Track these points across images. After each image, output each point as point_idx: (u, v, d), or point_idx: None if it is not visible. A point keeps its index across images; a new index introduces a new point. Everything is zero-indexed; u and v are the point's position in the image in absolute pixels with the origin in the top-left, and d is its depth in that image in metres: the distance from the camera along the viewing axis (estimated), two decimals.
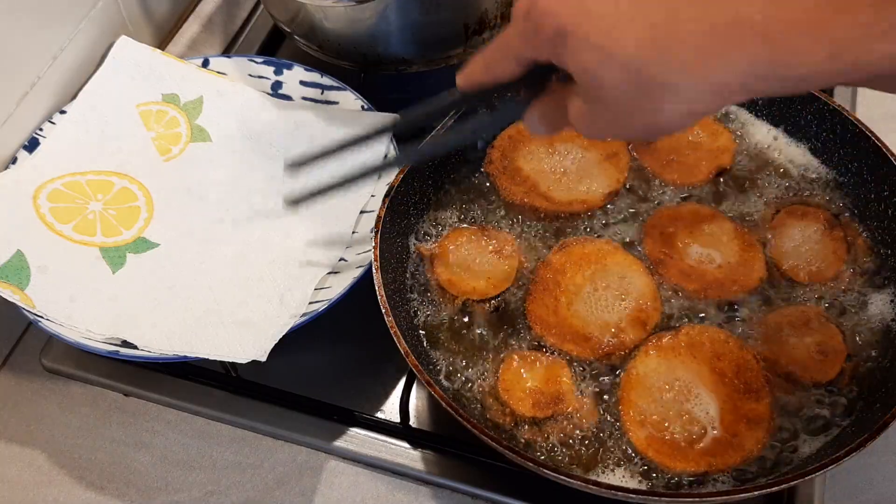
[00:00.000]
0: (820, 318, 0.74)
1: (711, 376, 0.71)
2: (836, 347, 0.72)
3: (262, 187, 0.91)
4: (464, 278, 0.78)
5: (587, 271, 0.77)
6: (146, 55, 0.94)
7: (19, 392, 0.84)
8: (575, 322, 0.74)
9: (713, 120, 0.88)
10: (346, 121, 0.91)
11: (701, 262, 0.78)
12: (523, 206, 0.82)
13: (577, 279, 0.77)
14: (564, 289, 0.76)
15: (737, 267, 0.77)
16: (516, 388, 0.71)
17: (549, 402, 0.70)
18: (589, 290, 0.76)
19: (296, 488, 0.77)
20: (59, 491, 0.78)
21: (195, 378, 0.82)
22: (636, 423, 0.69)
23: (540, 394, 0.71)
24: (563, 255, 0.78)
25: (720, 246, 0.79)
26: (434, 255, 0.79)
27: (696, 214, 0.81)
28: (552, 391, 0.71)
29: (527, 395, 0.71)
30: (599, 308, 0.75)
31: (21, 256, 0.79)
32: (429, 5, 0.91)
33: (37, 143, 0.88)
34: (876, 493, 0.75)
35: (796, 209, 0.81)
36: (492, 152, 0.86)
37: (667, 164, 0.85)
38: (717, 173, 0.84)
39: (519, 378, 0.72)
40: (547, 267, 0.78)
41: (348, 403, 0.80)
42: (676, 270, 0.77)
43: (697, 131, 0.87)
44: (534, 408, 0.70)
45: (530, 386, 0.71)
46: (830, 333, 0.73)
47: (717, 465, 0.67)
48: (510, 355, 0.73)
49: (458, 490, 0.76)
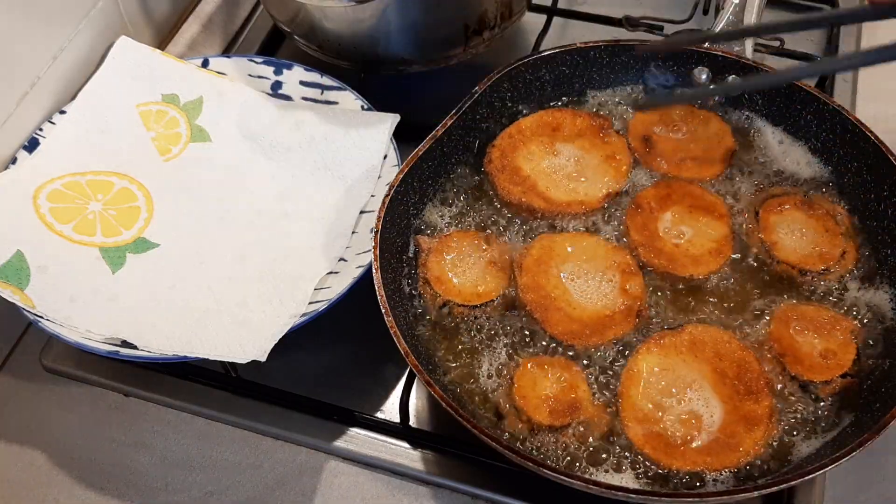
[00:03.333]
0: (826, 317, 0.74)
1: (712, 376, 0.71)
2: (842, 347, 0.72)
3: (262, 187, 0.91)
4: (452, 280, 0.78)
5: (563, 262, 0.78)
6: (146, 55, 0.94)
7: (19, 392, 0.84)
8: (567, 306, 0.76)
9: (695, 107, 0.89)
10: (346, 121, 0.91)
11: (671, 237, 0.80)
12: (521, 205, 0.82)
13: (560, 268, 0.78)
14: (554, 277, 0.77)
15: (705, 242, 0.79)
16: (532, 395, 0.71)
17: (566, 410, 0.70)
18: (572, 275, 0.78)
19: (296, 488, 0.77)
20: (59, 491, 0.78)
21: (195, 378, 0.82)
22: (634, 420, 0.69)
23: (556, 401, 0.70)
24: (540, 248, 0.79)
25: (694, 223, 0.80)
26: (431, 249, 0.79)
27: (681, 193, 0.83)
28: (569, 399, 0.70)
29: (543, 402, 0.70)
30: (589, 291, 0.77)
31: (21, 256, 0.79)
32: (429, 5, 0.91)
33: (37, 143, 0.88)
34: (876, 493, 0.75)
35: (772, 203, 0.81)
36: (492, 151, 0.86)
37: (680, 163, 0.85)
38: (730, 155, 0.85)
39: (535, 385, 0.71)
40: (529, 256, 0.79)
41: (348, 403, 0.80)
42: (650, 248, 0.79)
43: (676, 122, 0.87)
44: (551, 416, 0.69)
45: (547, 393, 0.71)
46: (837, 333, 0.73)
47: (714, 464, 0.67)
48: (525, 362, 0.73)
49: (458, 490, 0.76)
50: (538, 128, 0.87)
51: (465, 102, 0.84)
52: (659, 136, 0.87)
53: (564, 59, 0.88)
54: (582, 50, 0.88)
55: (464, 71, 0.99)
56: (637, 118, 0.88)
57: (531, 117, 0.88)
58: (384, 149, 0.89)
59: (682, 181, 0.84)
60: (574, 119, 0.88)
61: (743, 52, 0.89)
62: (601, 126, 0.87)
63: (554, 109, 0.89)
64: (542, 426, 0.69)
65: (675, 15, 1.05)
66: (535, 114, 0.88)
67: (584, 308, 0.76)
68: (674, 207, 0.82)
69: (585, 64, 0.89)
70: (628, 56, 0.89)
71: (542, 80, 0.89)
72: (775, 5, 1.11)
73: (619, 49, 0.88)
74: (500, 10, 0.96)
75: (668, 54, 0.88)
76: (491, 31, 0.97)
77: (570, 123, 0.88)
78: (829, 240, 0.79)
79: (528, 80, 0.88)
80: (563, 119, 0.88)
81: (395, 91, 1.03)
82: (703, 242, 0.79)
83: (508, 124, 0.88)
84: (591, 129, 0.87)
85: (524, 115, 0.88)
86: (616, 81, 0.91)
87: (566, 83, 0.90)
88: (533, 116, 0.88)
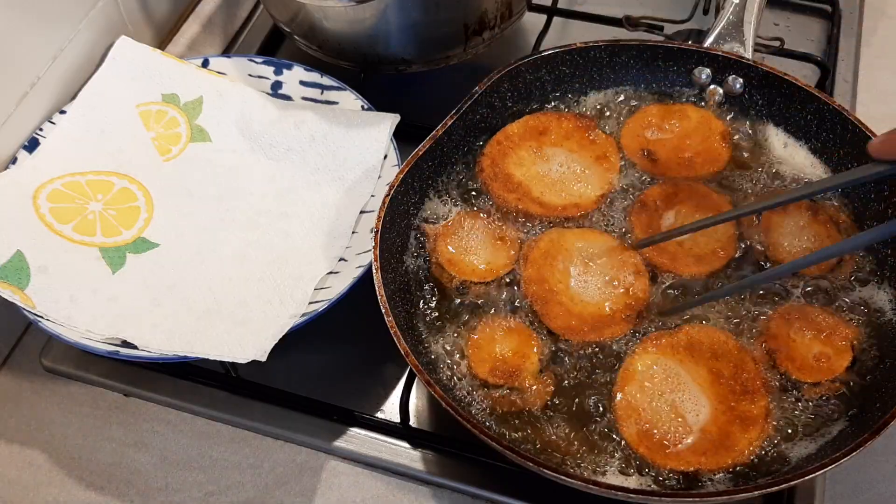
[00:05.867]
0: (828, 322, 0.74)
1: (708, 376, 0.71)
2: (838, 354, 0.72)
3: (262, 187, 0.91)
4: (464, 259, 0.79)
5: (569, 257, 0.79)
6: (146, 55, 0.94)
7: (19, 392, 0.84)
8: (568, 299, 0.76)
9: (679, 104, 0.89)
10: (346, 121, 0.91)
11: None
12: (517, 212, 0.82)
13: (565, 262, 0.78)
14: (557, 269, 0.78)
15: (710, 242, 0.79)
16: (483, 348, 0.73)
17: (505, 373, 0.72)
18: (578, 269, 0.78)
19: (296, 488, 0.77)
20: (59, 491, 0.78)
21: (195, 378, 0.82)
22: (629, 419, 0.70)
23: (501, 362, 0.73)
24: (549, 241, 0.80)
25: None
26: (438, 234, 0.80)
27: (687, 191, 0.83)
28: (514, 364, 0.72)
29: (488, 358, 0.73)
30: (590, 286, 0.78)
31: (21, 256, 0.79)
32: (429, 5, 0.91)
33: (37, 143, 0.88)
34: (876, 493, 0.75)
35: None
36: (482, 160, 0.85)
37: (687, 161, 0.85)
38: (724, 139, 0.85)
39: (489, 340, 0.74)
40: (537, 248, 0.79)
41: (348, 403, 0.80)
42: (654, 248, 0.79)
43: (675, 121, 0.88)
44: (490, 373, 0.72)
45: (496, 353, 0.73)
46: (836, 339, 0.73)
47: (708, 464, 0.67)
48: (491, 320, 0.75)
49: (458, 490, 0.76)
50: (525, 133, 0.87)
51: (465, 102, 0.84)
52: (656, 144, 0.87)
53: (564, 59, 0.88)
54: (582, 50, 0.88)
55: (464, 71, 0.99)
56: (627, 129, 0.88)
57: (517, 123, 0.88)
58: (384, 149, 0.89)
59: (689, 181, 0.83)
60: (560, 121, 0.88)
61: (743, 52, 0.89)
62: (587, 126, 0.87)
63: (539, 113, 0.89)
64: (477, 378, 0.72)
65: (675, 15, 1.05)
66: (521, 119, 0.88)
67: (585, 304, 0.76)
68: (679, 206, 0.82)
69: (585, 64, 0.89)
70: (628, 56, 0.89)
71: (542, 80, 0.89)
72: (775, 5, 1.11)
73: (619, 49, 0.88)
74: (499, 11, 0.96)
75: (668, 54, 0.88)
76: (491, 31, 0.97)
77: (556, 126, 0.87)
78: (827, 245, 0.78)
79: (528, 80, 0.88)
80: (549, 122, 0.88)
81: (395, 91, 1.04)
82: (707, 242, 0.79)
83: (509, 124, 0.88)
84: (578, 131, 0.87)
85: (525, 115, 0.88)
86: (616, 81, 0.91)
87: (566, 83, 0.90)
88: (519, 122, 0.88)
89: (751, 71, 0.86)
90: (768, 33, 1.06)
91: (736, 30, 0.92)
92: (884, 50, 1.08)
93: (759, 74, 0.86)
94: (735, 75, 0.87)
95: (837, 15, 1.10)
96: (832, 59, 1.05)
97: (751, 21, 0.92)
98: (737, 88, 0.88)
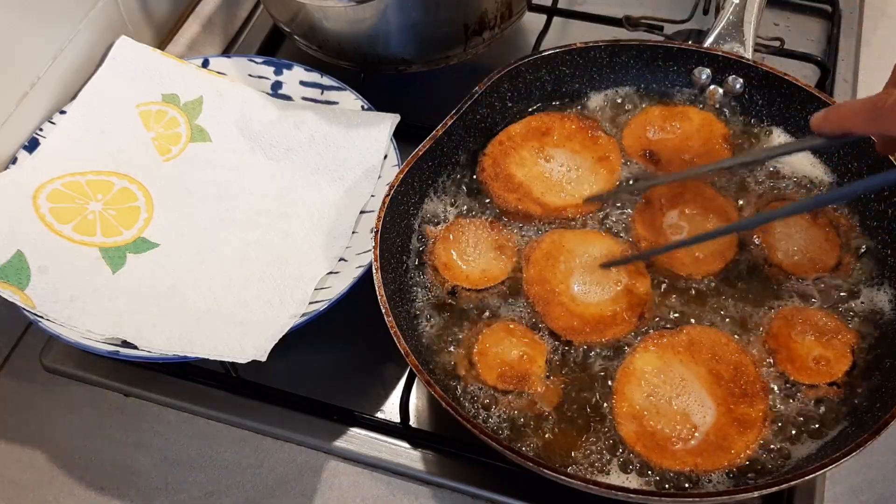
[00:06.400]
0: (826, 320, 0.74)
1: (708, 377, 0.71)
2: (837, 358, 0.72)
3: (262, 187, 0.91)
4: (459, 265, 0.78)
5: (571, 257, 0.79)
6: (146, 55, 0.94)
7: (19, 392, 0.84)
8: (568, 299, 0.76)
9: (681, 106, 0.89)
10: (346, 121, 0.91)
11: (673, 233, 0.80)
12: (518, 212, 0.82)
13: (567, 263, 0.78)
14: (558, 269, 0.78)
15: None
16: (490, 354, 0.73)
17: (515, 378, 0.72)
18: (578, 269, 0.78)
19: (296, 488, 0.77)
20: (59, 491, 0.78)
21: (195, 378, 0.82)
22: (627, 417, 0.70)
23: (510, 367, 0.72)
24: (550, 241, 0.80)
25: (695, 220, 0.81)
26: (438, 237, 0.80)
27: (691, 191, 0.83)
28: (522, 369, 0.72)
29: (497, 364, 0.73)
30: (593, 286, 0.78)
31: (21, 256, 0.79)
32: (429, 5, 0.91)
33: (37, 143, 0.88)
34: (876, 493, 0.75)
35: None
36: (483, 160, 0.86)
37: (688, 162, 0.85)
38: (725, 140, 0.86)
39: (495, 346, 0.74)
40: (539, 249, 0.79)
41: (348, 403, 0.80)
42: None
43: (676, 123, 0.88)
44: (499, 378, 0.72)
45: (504, 358, 0.73)
46: (836, 343, 0.73)
47: (704, 465, 0.67)
48: (498, 324, 0.75)
49: (458, 490, 0.76)
50: (527, 133, 0.87)
51: (465, 102, 0.84)
52: (657, 145, 0.86)
53: (564, 59, 0.88)
54: (582, 50, 0.88)
55: (464, 71, 0.99)
56: (629, 130, 0.88)
57: (520, 123, 0.88)
58: (384, 149, 0.89)
59: (696, 182, 0.83)
60: (563, 122, 0.88)
61: (743, 53, 0.89)
62: (590, 127, 0.87)
63: (542, 114, 0.89)
64: (487, 385, 0.71)
65: (675, 15, 1.05)
66: (524, 119, 0.88)
67: (586, 305, 0.76)
68: (683, 206, 0.82)
69: (585, 64, 0.89)
70: (628, 56, 0.89)
71: (542, 80, 0.89)
72: (775, 5, 1.11)
73: (619, 49, 0.88)
74: (499, 10, 0.96)
75: (668, 54, 0.88)
76: (491, 31, 0.97)
77: (559, 127, 0.87)
78: (826, 249, 0.78)
79: (528, 80, 0.88)
80: (552, 123, 0.88)
81: (395, 91, 1.04)
82: (708, 243, 0.79)
83: (509, 124, 0.88)
84: (581, 131, 0.87)
85: (527, 115, 0.88)
86: (616, 81, 0.91)
87: (566, 83, 0.90)
88: (521, 122, 0.88)
89: (751, 71, 0.86)
90: (768, 33, 1.06)
91: (736, 30, 0.92)
92: (884, 50, 1.08)
93: (759, 74, 0.86)
94: (735, 75, 0.87)
95: (837, 15, 1.10)
96: (832, 59, 1.05)
97: (751, 21, 0.92)
98: (737, 88, 0.88)
